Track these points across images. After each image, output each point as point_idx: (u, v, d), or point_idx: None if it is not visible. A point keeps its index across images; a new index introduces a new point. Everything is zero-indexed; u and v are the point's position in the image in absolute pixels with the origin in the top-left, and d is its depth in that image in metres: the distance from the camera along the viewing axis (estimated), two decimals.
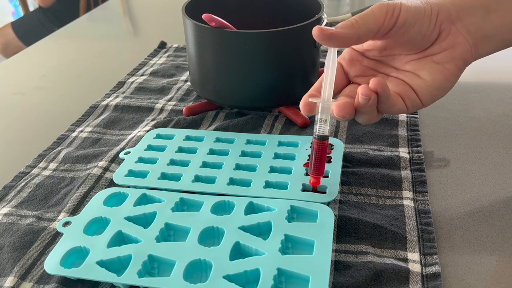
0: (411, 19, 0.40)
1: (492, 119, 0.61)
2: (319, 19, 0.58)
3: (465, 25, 0.41)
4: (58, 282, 0.40)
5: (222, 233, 0.42)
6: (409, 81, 0.43)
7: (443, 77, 0.42)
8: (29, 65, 0.89)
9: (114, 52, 0.92)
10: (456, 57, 0.42)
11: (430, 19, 0.40)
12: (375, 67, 0.45)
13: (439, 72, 0.42)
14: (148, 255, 0.40)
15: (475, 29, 0.41)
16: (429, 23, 0.41)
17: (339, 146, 0.54)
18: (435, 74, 0.42)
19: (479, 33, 0.42)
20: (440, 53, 0.42)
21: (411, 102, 0.43)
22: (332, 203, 0.47)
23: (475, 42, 0.42)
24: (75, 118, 0.67)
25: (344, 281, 0.39)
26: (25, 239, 0.45)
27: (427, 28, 0.41)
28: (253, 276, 0.38)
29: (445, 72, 0.42)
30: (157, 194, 0.48)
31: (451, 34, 0.41)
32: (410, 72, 0.43)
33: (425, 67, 0.42)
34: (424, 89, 0.42)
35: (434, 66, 0.42)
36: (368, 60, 0.45)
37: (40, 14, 1.98)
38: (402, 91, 0.43)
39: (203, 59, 0.59)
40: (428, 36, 0.41)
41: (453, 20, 0.41)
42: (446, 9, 0.41)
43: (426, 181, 0.50)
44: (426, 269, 0.40)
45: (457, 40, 0.41)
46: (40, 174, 0.55)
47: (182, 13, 0.59)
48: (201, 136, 0.58)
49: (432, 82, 0.42)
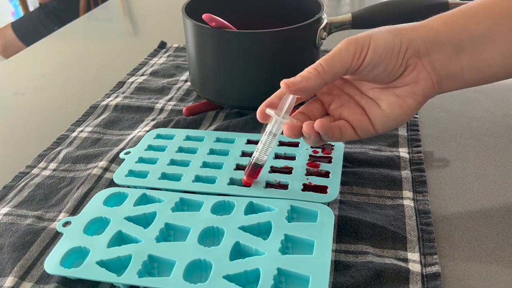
0: (377, 59, 0.40)
1: (492, 119, 0.61)
2: (319, 19, 0.58)
3: (432, 62, 0.41)
4: (58, 282, 0.40)
5: (222, 233, 0.42)
6: (367, 109, 0.44)
7: (400, 111, 0.42)
8: (29, 65, 0.89)
9: (114, 52, 0.92)
10: (417, 93, 0.42)
11: (397, 56, 0.41)
12: (342, 87, 0.46)
13: (398, 106, 0.42)
14: (148, 255, 0.40)
15: (441, 66, 0.41)
16: (396, 61, 0.41)
17: (340, 146, 0.54)
18: (393, 106, 0.42)
19: (444, 71, 0.41)
20: (402, 87, 0.42)
21: (363, 131, 0.43)
22: (332, 203, 0.47)
23: (439, 79, 0.42)
24: (75, 118, 0.67)
25: (344, 281, 0.39)
26: (25, 239, 0.45)
27: (393, 66, 0.41)
28: (253, 276, 0.38)
29: (404, 106, 0.42)
30: (157, 194, 0.48)
31: (416, 70, 0.41)
32: (372, 100, 0.44)
33: (385, 98, 0.43)
34: (380, 119, 0.43)
35: (394, 99, 0.42)
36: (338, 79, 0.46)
37: (40, 14, 1.98)
38: (355, 121, 0.43)
39: (203, 59, 0.59)
40: (394, 73, 0.42)
41: (420, 55, 0.41)
42: (415, 44, 0.41)
43: (426, 181, 0.50)
44: (426, 269, 0.40)
45: (421, 76, 0.41)
46: (40, 174, 0.55)
47: (182, 13, 0.59)
48: (201, 136, 0.58)
49: (389, 114, 0.43)
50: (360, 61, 0.40)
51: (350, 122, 0.44)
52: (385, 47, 0.40)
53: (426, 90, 0.42)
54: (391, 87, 0.43)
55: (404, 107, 0.42)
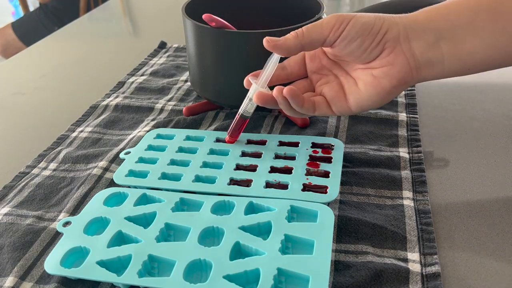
0: (353, 34, 0.42)
1: (492, 119, 0.61)
2: (319, 19, 0.58)
3: (412, 47, 0.43)
4: (58, 282, 0.40)
5: (222, 233, 0.42)
6: (346, 87, 0.46)
7: (374, 91, 0.44)
8: (29, 65, 0.89)
9: (114, 52, 0.92)
10: (392, 75, 0.43)
11: (375, 36, 0.43)
12: (330, 67, 0.49)
13: (372, 86, 0.44)
14: (148, 255, 0.40)
15: (420, 52, 0.43)
16: (372, 40, 0.43)
17: (340, 146, 0.54)
18: (368, 86, 0.44)
19: (423, 57, 0.43)
20: (379, 68, 0.44)
21: (337, 108, 0.46)
22: (332, 203, 0.47)
23: (417, 65, 0.43)
24: (75, 118, 0.67)
25: (344, 281, 0.39)
26: (25, 239, 0.45)
27: (369, 44, 0.43)
28: (253, 276, 0.38)
29: (378, 87, 0.44)
30: (157, 194, 0.48)
31: (394, 53, 0.43)
32: (352, 79, 0.46)
33: (363, 78, 0.45)
34: (354, 97, 0.45)
35: (370, 79, 0.44)
36: (327, 59, 0.49)
37: (40, 14, 1.98)
38: (331, 97, 0.46)
39: (203, 59, 0.59)
40: (369, 52, 0.43)
41: (400, 41, 0.43)
42: (396, 29, 0.43)
43: (426, 181, 0.50)
44: (426, 269, 0.40)
45: (398, 59, 0.43)
46: (40, 174, 0.55)
47: (182, 13, 0.59)
48: (201, 136, 0.58)
49: (363, 92, 0.45)
50: (338, 33, 0.43)
51: (326, 97, 0.46)
52: (363, 25, 0.42)
53: (402, 74, 0.43)
54: (369, 67, 0.44)
55: (378, 88, 0.44)
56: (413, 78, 0.44)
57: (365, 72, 0.45)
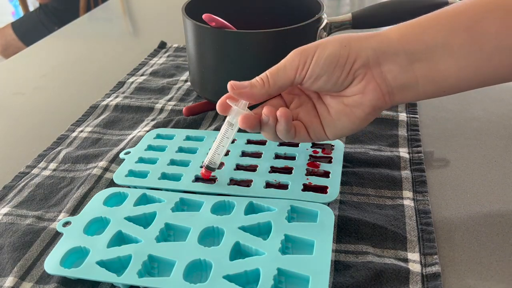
0: (318, 71, 0.41)
1: (492, 119, 0.61)
2: (319, 19, 0.58)
3: (383, 72, 0.41)
4: (58, 282, 0.40)
5: (222, 233, 0.42)
6: (320, 113, 0.44)
7: (348, 120, 0.43)
8: (29, 65, 0.89)
9: (114, 52, 0.92)
10: (364, 104, 0.42)
11: (343, 67, 0.41)
12: (302, 88, 0.46)
13: (345, 115, 0.43)
14: (148, 255, 0.40)
15: (393, 77, 0.41)
16: (340, 72, 0.41)
17: (340, 147, 0.54)
18: (341, 115, 0.43)
19: (396, 82, 0.41)
20: (350, 97, 0.42)
21: (315, 135, 0.44)
22: (332, 203, 0.47)
23: (390, 90, 0.41)
24: (75, 118, 0.67)
25: (344, 281, 0.39)
26: (25, 239, 0.45)
27: (337, 77, 0.41)
28: (253, 276, 0.38)
29: (351, 116, 0.43)
30: (157, 194, 0.48)
31: (365, 80, 0.41)
32: (325, 105, 0.44)
33: (335, 106, 0.43)
34: (328, 125, 0.44)
35: (342, 107, 0.43)
36: None
37: (40, 14, 1.98)
38: (309, 122, 0.44)
39: (203, 59, 0.59)
40: (340, 84, 0.42)
41: (370, 66, 0.41)
42: (365, 55, 0.40)
43: (426, 181, 0.50)
44: (426, 269, 0.40)
45: (369, 87, 0.41)
46: (40, 174, 0.55)
47: (182, 13, 0.59)
48: (201, 136, 0.58)
49: (336, 121, 0.43)
50: (303, 73, 0.41)
51: (304, 123, 0.44)
52: (327, 58, 0.40)
53: (375, 102, 0.42)
54: (341, 95, 0.43)
55: (352, 117, 0.42)
56: (386, 103, 0.42)
57: (337, 100, 0.43)
